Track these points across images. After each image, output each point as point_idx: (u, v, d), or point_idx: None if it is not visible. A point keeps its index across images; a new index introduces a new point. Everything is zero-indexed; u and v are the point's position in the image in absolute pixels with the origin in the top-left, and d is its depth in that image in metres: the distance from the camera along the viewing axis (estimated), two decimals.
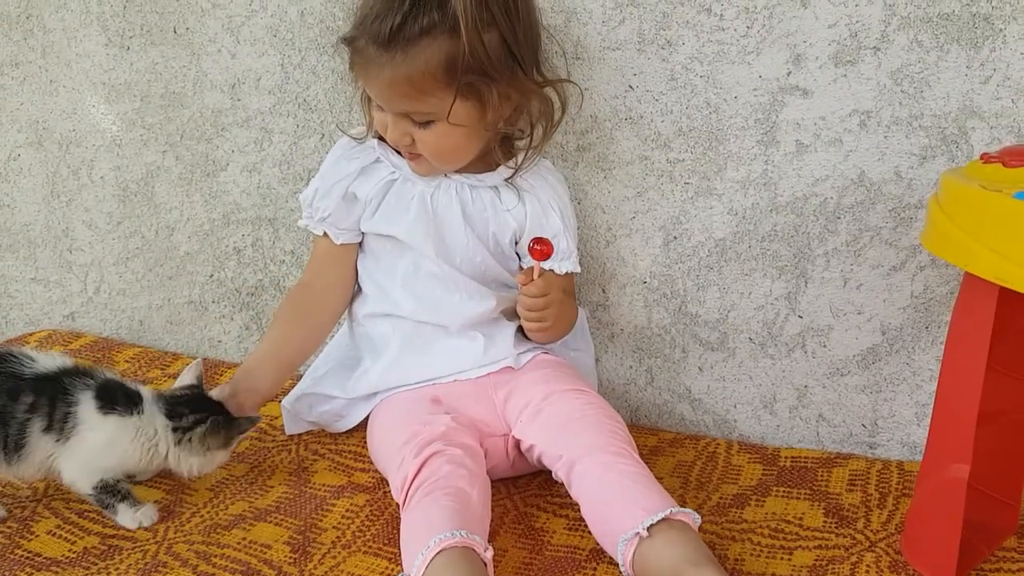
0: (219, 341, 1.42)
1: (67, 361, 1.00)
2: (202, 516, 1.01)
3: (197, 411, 0.99)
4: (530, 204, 1.08)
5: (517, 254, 1.12)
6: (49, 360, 0.99)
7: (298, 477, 1.08)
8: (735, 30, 1.06)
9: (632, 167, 1.14)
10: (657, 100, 1.11)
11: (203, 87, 1.31)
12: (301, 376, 1.19)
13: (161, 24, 1.31)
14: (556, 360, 1.10)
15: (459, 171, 1.07)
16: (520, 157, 1.07)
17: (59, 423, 0.95)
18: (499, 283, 1.11)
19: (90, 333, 1.48)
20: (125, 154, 1.39)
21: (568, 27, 1.11)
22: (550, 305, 1.04)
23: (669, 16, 1.08)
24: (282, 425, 1.18)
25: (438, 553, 0.82)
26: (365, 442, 1.11)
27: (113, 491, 0.98)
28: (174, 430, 0.98)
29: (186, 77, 1.32)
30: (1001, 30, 0.98)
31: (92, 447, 0.96)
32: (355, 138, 1.10)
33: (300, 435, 1.17)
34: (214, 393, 1.04)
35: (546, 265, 1.06)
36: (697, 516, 0.88)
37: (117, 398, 0.98)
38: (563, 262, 1.09)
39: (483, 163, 1.08)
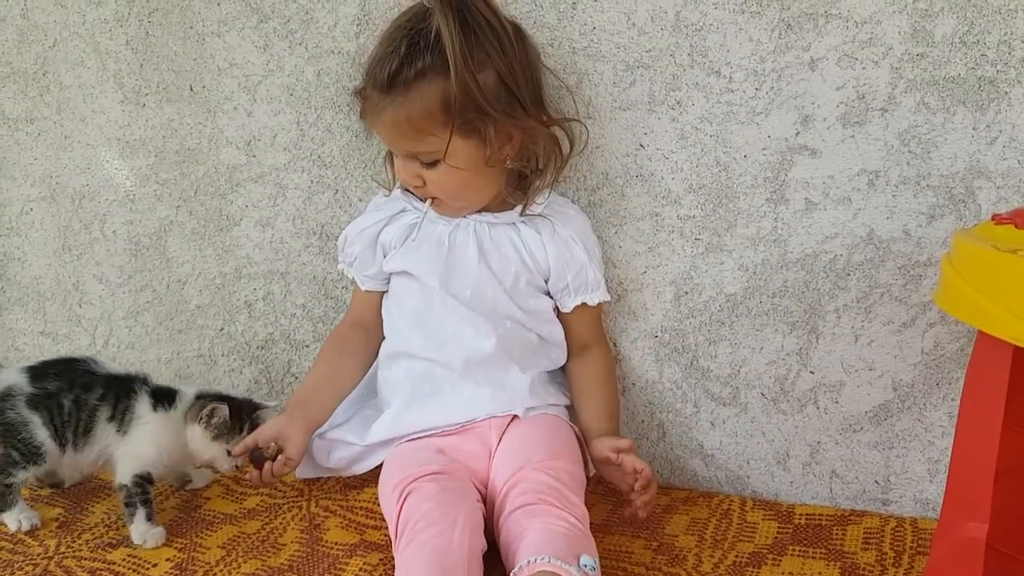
0: None
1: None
2: (215, 575, 1.00)
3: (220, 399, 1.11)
4: (551, 241, 1.11)
5: (549, 294, 1.14)
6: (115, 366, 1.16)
7: (310, 535, 1.08)
8: (744, 91, 1.08)
9: (643, 223, 1.16)
10: (667, 158, 1.13)
11: (219, 144, 1.33)
12: None
13: (177, 82, 1.33)
14: (554, 423, 1.10)
15: (479, 211, 1.11)
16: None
17: (120, 415, 1.10)
18: (509, 318, 1.11)
19: None
20: (138, 208, 1.40)
21: (580, 88, 1.13)
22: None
23: (679, 78, 1.10)
24: (292, 480, 1.18)
25: None
26: (376, 498, 1.10)
27: (143, 490, 1.08)
28: (197, 398, 1.12)
29: (201, 134, 1.33)
30: (1007, 93, 1.00)
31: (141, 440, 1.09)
32: (385, 191, 1.18)
33: (311, 491, 1.17)
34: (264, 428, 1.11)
35: (579, 300, 1.12)
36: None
37: (163, 396, 1.13)
38: (593, 293, 1.12)
39: (502, 202, 1.12)
